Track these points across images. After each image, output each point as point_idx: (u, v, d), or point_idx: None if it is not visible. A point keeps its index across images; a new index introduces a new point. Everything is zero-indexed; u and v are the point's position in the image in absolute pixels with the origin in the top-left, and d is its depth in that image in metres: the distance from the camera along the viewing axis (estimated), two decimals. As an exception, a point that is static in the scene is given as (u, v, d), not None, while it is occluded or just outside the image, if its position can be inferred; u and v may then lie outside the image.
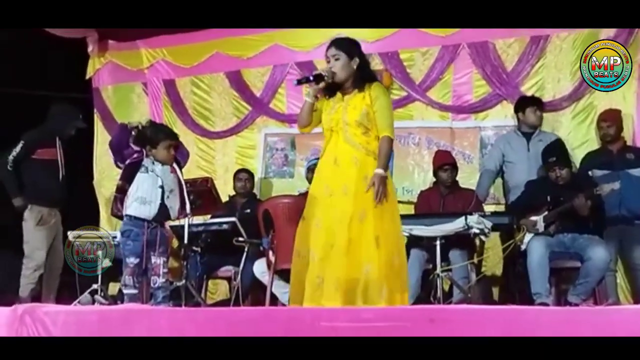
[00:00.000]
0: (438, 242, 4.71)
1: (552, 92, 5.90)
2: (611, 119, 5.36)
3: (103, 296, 5.29)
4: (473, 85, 6.17)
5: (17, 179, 5.49)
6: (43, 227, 5.56)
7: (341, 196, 3.65)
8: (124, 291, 4.34)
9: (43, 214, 5.57)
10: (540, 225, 4.84)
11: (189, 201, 4.74)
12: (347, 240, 3.55)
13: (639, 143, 5.55)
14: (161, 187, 4.33)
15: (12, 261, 6.00)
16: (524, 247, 4.80)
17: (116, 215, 4.93)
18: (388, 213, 3.70)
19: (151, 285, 4.40)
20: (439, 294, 4.61)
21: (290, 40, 6.65)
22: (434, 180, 5.65)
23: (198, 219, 5.65)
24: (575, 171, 5.19)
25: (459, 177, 5.56)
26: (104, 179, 7.02)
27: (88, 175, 7.20)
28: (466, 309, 2.47)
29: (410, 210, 5.62)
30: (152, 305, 4.18)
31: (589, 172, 5.21)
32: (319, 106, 3.82)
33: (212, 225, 5.56)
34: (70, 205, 5.86)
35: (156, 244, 4.36)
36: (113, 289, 5.89)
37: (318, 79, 3.69)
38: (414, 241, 4.94)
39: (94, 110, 7.33)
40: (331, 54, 3.77)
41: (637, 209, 5.07)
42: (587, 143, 5.70)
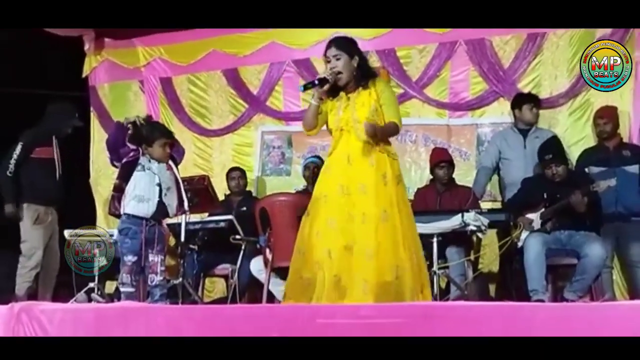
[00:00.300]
0: (435, 240, 4.70)
1: (548, 89, 5.91)
2: (608, 116, 5.37)
3: (100, 295, 5.28)
4: (470, 82, 6.18)
5: (15, 186, 5.46)
6: (40, 226, 5.55)
7: (360, 195, 3.64)
8: (121, 289, 4.34)
9: (40, 212, 5.56)
10: (537, 222, 4.85)
11: (186, 198, 4.75)
12: (376, 243, 3.55)
13: (636, 140, 5.56)
14: (158, 185, 4.33)
15: (8, 260, 6.00)
16: (520, 244, 4.81)
17: (114, 214, 4.94)
18: (405, 211, 3.72)
19: (148, 283, 4.41)
20: (436, 291, 4.61)
21: (287, 38, 6.65)
22: (430, 177, 5.65)
23: (195, 217, 5.64)
24: (571, 168, 5.20)
25: (455, 175, 5.57)
26: (101, 177, 7.01)
27: (85, 174, 7.19)
28: (462, 305, 2.47)
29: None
30: (149, 304, 4.18)
31: (586, 169, 5.22)
32: (323, 107, 3.83)
33: (209, 223, 5.56)
34: (67, 204, 5.85)
35: (154, 242, 4.36)
36: (110, 287, 5.88)
37: (323, 82, 3.71)
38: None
39: (91, 109, 7.32)
40: (332, 54, 3.77)
41: (633, 205, 5.08)
42: (584, 140, 5.72)
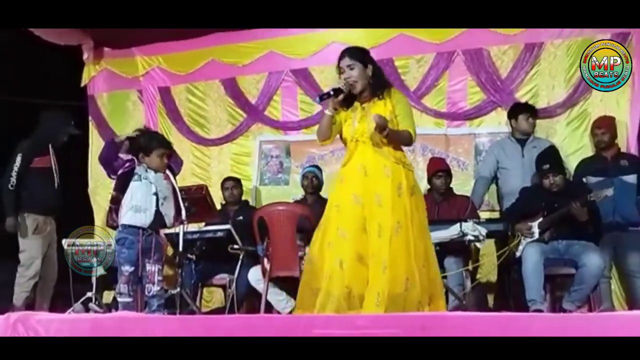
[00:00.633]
0: (433, 249, 4.70)
1: (546, 99, 5.93)
2: (605, 126, 5.38)
3: (98, 304, 5.26)
4: (468, 92, 6.19)
5: (16, 198, 5.44)
6: (39, 236, 5.53)
7: (375, 207, 3.64)
8: (119, 299, 4.32)
9: (39, 222, 5.55)
10: (535, 232, 4.85)
11: (184, 208, 4.75)
12: (388, 255, 3.54)
13: (633, 150, 5.57)
14: (155, 195, 4.32)
15: (6, 269, 5.99)
16: (518, 253, 4.80)
17: (111, 226, 4.93)
18: (418, 222, 3.71)
19: (146, 293, 4.39)
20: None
21: (286, 47, 6.67)
22: (428, 187, 5.65)
23: (193, 227, 5.64)
24: (569, 178, 5.20)
25: (453, 184, 5.56)
26: (99, 187, 6.99)
27: (83, 183, 7.19)
28: (460, 316, 2.46)
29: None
30: (146, 314, 4.16)
31: (583, 179, 5.23)
32: (337, 118, 3.83)
33: (207, 233, 5.55)
34: (65, 213, 5.84)
35: (151, 251, 4.34)
36: (108, 297, 5.86)
37: (337, 92, 3.72)
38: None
39: (89, 118, 7.31)
40: (345, 64, 3.78)
41: (631, 215, 5.09)
42: (582, 150, 5.73)
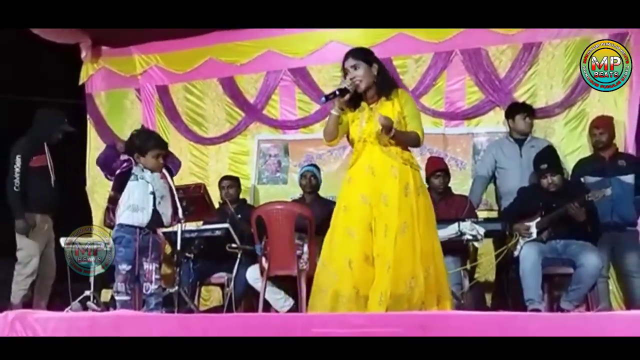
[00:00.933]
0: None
1: (544, 99, 5.93)
2: (604, 126, 5.38)
3: (96, 303, 5.25)
4: (466, 91, 6.20)
5: (22, 200, 5.44)
6: (36, 234, 5.53)
7: (382, 207, 3.65)
8: (116, 298, 4.33)
9: (36, 220, 5.54)
10: (533, 232, 4.86)
11: (181, 207, 4.75)
12: (393, 255, 3.55)
13: (631, 150, 5.58)
14: (152, 194, 4.32)
15: (4, 267, 5.99)
16: (516, 253, 4.81)
17: (109, 226, 4.94)
18: (424, 222, 3.71)
19: (143, 291, 4.39)
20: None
21: (284, 46, 6.67)
22: (426, 186, 5.65)
23: (191, 226, 5.64)
24: (567, 178, 5.20)
25: (451, 184, 5.57)
26: (97, 185, 6.98)
27: (80, 181, 7.18)
28: (457, 315, 2.47)
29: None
30: (144, 312, 4.16)
31: (581, 179, 5.23)
32: (344, 118, 3.83)
33: (204, 232, 5.55)
34: (63, 212, 5.84)
35: (148, 250, 4.35)
36: (106, 295, 5.86)
37: (343, 92, 3.72)
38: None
39: (87, 116, 7.31)
40: (350, 64, 3.79)
41: (628, 215, 5.10)
42: (580, 150, 5.74)
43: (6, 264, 5.77)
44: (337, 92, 3.73)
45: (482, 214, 5.62)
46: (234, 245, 5.30)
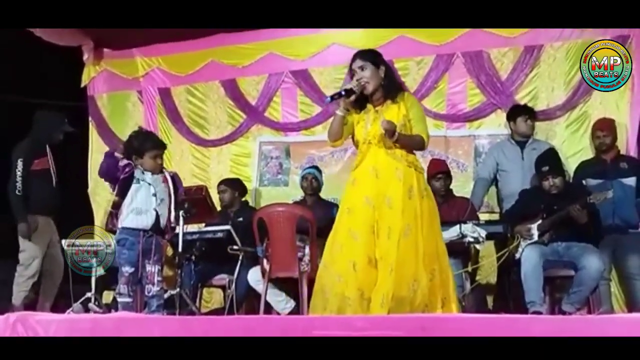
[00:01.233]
0: (432, 251, 4.69)
1: (545, 101, 5.93)
2: (607, 128, 5.38)
3: (97, 305, 5.26)
4: (467, 94, 6.20)
5: (25, 204, 5.44)
6: (38, 236, 5.53)
7: (386, 209, 3.65)
8: (118, 300, 4.33)
9: (38, 222, 5.54)
10: (534, 234, 4.85)
11: (183, 211, 4.76)
12: (396, 258, 3.55)
13: (633, 152, 5.57)
14: (154, 195, 4.32)
15: (6, 269, 6.00)
16: (518, 255, 4.80)
17: (111, 231, 4.95)
18: (428, 225, 3.71)
19: (145, 293, 4.39)
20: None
21: (286, 49, 6.67)
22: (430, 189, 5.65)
23: (193, 227, 5.65)
24: (569, 180, 5.20)
25: (453, 186, 5.57)
26: (99, 187, 6.98)
27: (82, 183, 7.19)
28: (458, 317, 2.47)
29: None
30: (146, 314, 4.17)
31: (583, 181, 5.23)
32: (348, 119, 3.83)
33: (206, 234, 5.55)
34: (65, 214, 5.84)
35: (151, 252, 4.35)
36: (107, 297, 5.87)
37: (349, 92, 3.72)
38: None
39: (89, 119, 7.32)
40: (357, 65, 3.78)
41: (630, 218, 5.09)
42: (581, 152, 5.73)
43: (7, 265, 5.78)
44: (343, 93, 3.72)
45: (483, 217, 5.62)
46: (235, 247, 5.30)
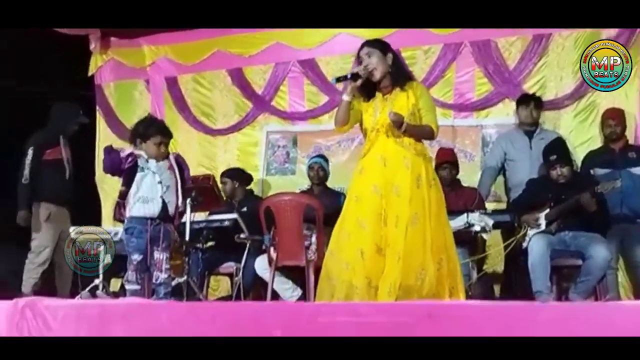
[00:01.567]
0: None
1: (554, 91, 5.91)
2: (618, 117, 5.35)
3: (105, 292, 5.28)
4: (475, 83, 6.19)
5: (29, 193, 5.50)
6: (51, 224, 5.58)
7: (394, 198, 3.65)
8: (127, 287, 4.34)
9: (51, 211, 5.59)
10: (542, 223, 4.84)
11: (190, 200, 4.76)
12: (403, 246, 3.56)
13: (641, 142, 5.55)
14: (160, 183, 4.31)
15: (14, 256, 6.04)
16: (525, 245, 4.80)
17: (119, 220, 4.96)
18: (436, 214, 3.71)
19: (153, 281, 4.40)
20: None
21: (292, 38, 6.66)
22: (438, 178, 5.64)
23: (199, 216, 5.66)
24: (576, 169, 5.18)
25: (460, 176, 5.55)
26: (106, 176, 6.99)
27: (91, 172, 7.21)
28: (465, 304, 2.47)
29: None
30: (153, 301, 4.18)
31: (591, 171, 5.21)
32: (356, 105, 3.83)
33: (213, 222, 5.56)
34: (76, 203, 5.89)
35: (159, 239, 4.34)
36: (115, 284, 5.89)
37: (355, 77, 3.72)
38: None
39: (97, 107, 7.34)
40: (364, 52, 3.79)
41: (638, 207, 5.07)
42: (589, 141, 5.71)
43: (18, 254, 5.82)
44: (349, 76, 3.73)
45: (490, 206, 5.60)
46: (242, 236, 5.31)
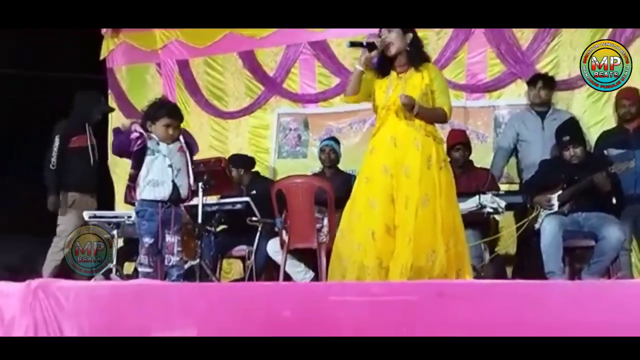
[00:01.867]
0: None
1: (567, 70, 5.84)
2: (633, 97, 5.29)
3: (119, 276, 5.32)
4: (487, 64, 6.13)
5: (57, 178, 5.62)
6: (74, 211, 5.65)
7: (403, 178, 3.65)
8: (139, 270, 4.36)
9: (75, 199, 5.69)
10: (554, 204, 4.82)
11: (202, 181, 4.77)
12: (413, 227, 3.56)
13: (656, 122, 5.48)
14: (170, 166, 4.30)
15: (29, 244, 6.12)
16: (538, 226, 4.78)
17: (130, 203, 4.98)
18: (446, 196, 3.70)
19: (165, 263, 4.42)
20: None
21: (304, 19, 6.63)
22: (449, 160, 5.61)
23: (211, 199, 5.67)
24: (590, 150, 5.14)
25: (472, 157, 5.53)
26: (118, 160, 7.03)
27: (104, 156, 7.24)
28: (475, 283, 2.46)
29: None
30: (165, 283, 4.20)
31: (604, 151, 5.17)
32: (369, 79, 3.81)
33: (225, 205, 5.57)
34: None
35: (170, 222, 4.35)
36: (129, 268, 5.93)
37: (370, 46, 3.69)
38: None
39: (109, 91, 7.37)
40: (385, 29, 3.75)
41: (652, 188, 5.03)
42: (603, 122, 5.64)
43: (33, 242, 5.92)
44: (364, 44, 3.70)
45: (502, 187, 5.56)
46: (254, 219, 5.31)
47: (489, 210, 4.75)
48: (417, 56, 3.80)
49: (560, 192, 4.82)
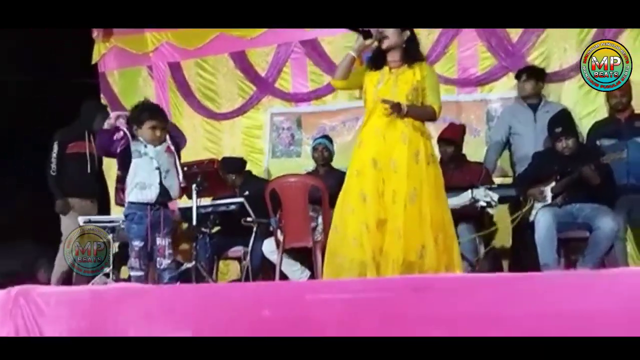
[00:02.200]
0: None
1: (558, 62, 5.81)
2: (623, 88, 5.21)
3: (115, 280, 5.32)
4: (478, 57, 6.10)
5: (59, 183, 5.70)
6: (73, 216, 5.65)
7: (391, 173, 3.66)
8: (130, 273, 4.37)
9: (75, 204, 5.73)
10: (548, 196, 4.80)
11: (195, 185, 4.77)
12: (403, 223, 3.56)
13: (648, 111, 5.45)
14: (157, 169, 4.28)
15: (27, 250, 6.13)
16: (532, 218, 4.75)
17: (121, 205, 4.99)
18: (434, 191, 3.71)
19: (157, 266, 4.42)
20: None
21: (294, 18, 6.62)
22: (437, 156, 5.58)
23: (206, 201, 5.66)
24: (582, 141, 5.12)
25: (465, 151, 5.50)
26: (112, 163, 7.03)
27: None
28: (453, 277, 2.44)
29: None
30: (156, 285, 4.19)
31: (597, 142, 5.14)
32: (360, 69, 3.84)
33: (220, 206, 5.57)
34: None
35: (160, 225, 4.35)
36: (125, 272, 5.92)
37: (366, 34, 3.71)
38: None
39: (101, 96, 7.37)
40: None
41: (645, 177, 4.99)
42: (594, 112, 5.60)
43: (33, 249, 5.94)
44: (360, 30, 3.71)
45: (496, 181, 5.53)
46: (249, 219, 5.31)
47: (482, 204, 4.73)
48: (412, 54, 3.82)
49: (553, 184, 4.79)
